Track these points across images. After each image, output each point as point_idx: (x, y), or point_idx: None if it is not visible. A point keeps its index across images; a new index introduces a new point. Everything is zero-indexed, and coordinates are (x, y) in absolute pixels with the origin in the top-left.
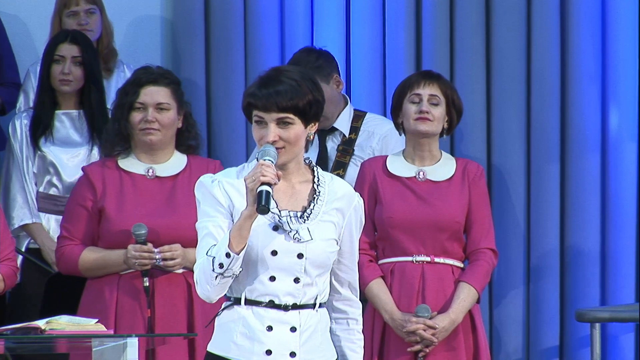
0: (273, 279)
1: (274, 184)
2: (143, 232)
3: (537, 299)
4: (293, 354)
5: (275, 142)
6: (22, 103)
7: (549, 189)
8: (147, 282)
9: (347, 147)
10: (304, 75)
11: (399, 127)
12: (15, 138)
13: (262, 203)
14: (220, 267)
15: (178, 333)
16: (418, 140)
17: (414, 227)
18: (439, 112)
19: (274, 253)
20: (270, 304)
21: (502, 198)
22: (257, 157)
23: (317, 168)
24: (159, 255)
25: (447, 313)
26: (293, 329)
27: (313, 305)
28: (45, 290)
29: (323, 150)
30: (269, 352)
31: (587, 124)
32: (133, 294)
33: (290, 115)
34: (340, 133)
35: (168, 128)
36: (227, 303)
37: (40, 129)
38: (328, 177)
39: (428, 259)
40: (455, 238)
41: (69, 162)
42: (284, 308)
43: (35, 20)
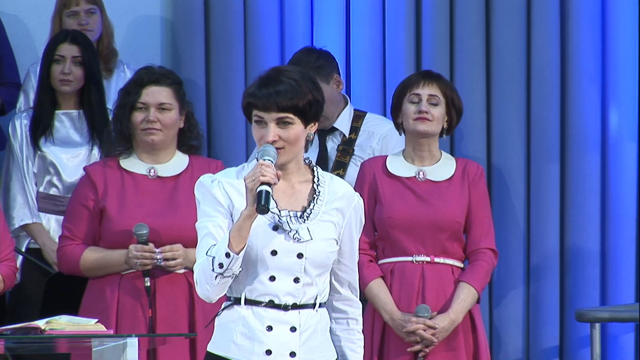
0: (273, 279)
1: (274, 184)
2: (144, 232)
3: (537, 299)
4: (293, 354)
5: (275, 141)
6: (22, 103)
7: (549, 189)
8: (148, 282)
9: (347, 147)
10: (304, 75)
11: (399, 127)
12: (15, 138)
13: (261, 203)
14: (220, 267)
15: (178, 333)
16: (418, 140)
17: (414, 227)
18: (439, 112)
19: (274, 253)
20: (270, 304)
21: (502, 198)
22: (256, 157)
23: (317, 168)
24: (160, 255)
25: (447, 313)
26: (293, 329)
27: (313, 305)
28: (45, 290)
29: (323, 150)
30: (269, 352)
31: (587, 124)
32: (134, 294)
33: (290, 115)
34: (340, 133)
35: (170, 128)
36: (227, 303)
37: (40, 129)
38: (328, 177)
39: (428, 259)
40: (455, 238)
41: (69, 162)
42: (284, 308)
43: (35, 20)
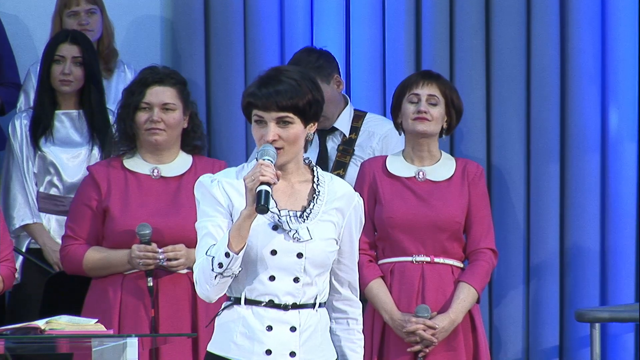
0: (273, 279)
1: (273, 184)
2: (147, 232)
3: (537, 299)
4: (293, 354)
5: (275, 141)
6: (22, 103)
7: (549, 189)
8: (151, 282)
9: (347, 147)
10: (304, 75)
11: (399, 127)
12: (15, 138)
13: (261, 203)
14: (220, 266)
15: (178, 333)
16: (417, 140)
17: (414, 227)
18: (438, 112)
19: (274, 253)
20: (270, 304)
21: (502, 198)
22: (256, 156)
23: (316, 168)
24: (163, 256)
25: (446, 313)
26: (293, 329)
27: (313, 305)
28: (45, 290)
29: (323, 150)
30: (269, 351)
31: (587, 124)
32: (137, 294)
33: (290, 115)
34: (341, 133)
35: (174, 128)
36: (227, 303)
37: (40, 129)
38: (328, 177)
39: (428, 259)
40: (455, 238)
41: (70, 162)
42: (284, 308)
43: (35, 20)
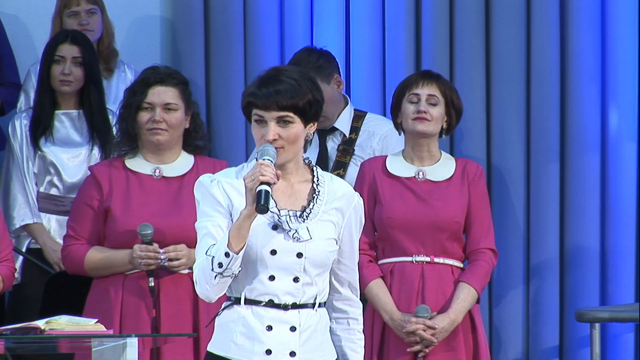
0: (272, 279)
1: (273, 184)
2: (149, 232)
3: (537, 299)
4: (293, 354)
5: (275, 140)
6: (22, 103)
7: (549, 189)
8: (152, 282)
9: (347, 147)
10: (304, 75)
11: (399, 127)
12: (15, 138)
13: (261, 202)
14: (220, 266)
15: (178, 333)
16: (417, 140)
17: (414, 227)
18: (438, 112)
19: (273, 252)
20: (270, 304)
21: (502, 198)
22: (256, 156)
23: (316, 168)
24: (164, 256)
25: (446, 313)
26: (293, 329)
27: (313, 305)
28: (45, 290)
29: (323, 150)
30: (269, 351)
31: (587, 124)
32: (138, 294)
33: (290, 114)
34: (341, 133)
35: (175, 128)
36: (227, 303)
37: (40, 129)
38: (328, 176)
39: (428, 259)
40: (455, 238)
41: (70, 162)
42: (284, 307)
43: (35, 21)
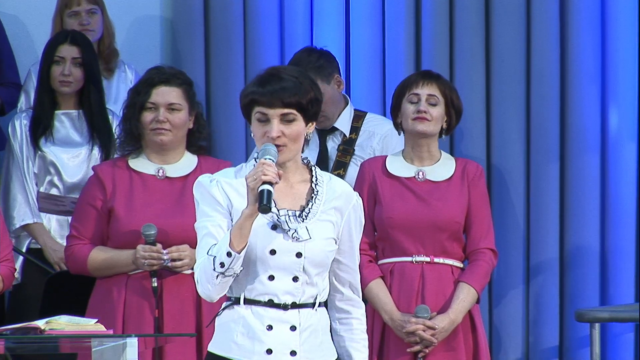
0: (272, 278)
1: (275, 183)
2: (152, 232)
3: (536, 299)
4: (293, 353)
5: (279, 137)
6: (23, 103)
7: (549, 189)
8: (155, 282)
9: (347, 147)
10: (303, 74)
11: (398, 127)
12: (15, 138)
13: (263, 202)
14: (222, 266)
15: (178, 333)
16: (417, 141)
17: (414, 227)
18: (438, 112)
19: (273, 252)
20: (270, 303)
21: (502, 198)
22: (256, 156)
23: (315, 167)
24: (167, 256)
25: (446, 313)
26: (293, 328)
27: (312, 305)
28: (45, 290)
29: (323, 150)
30: (270, 351)
31: (587, 124)
32: (141, 294)
33: (294, 112)
34: (341, 133)
35: (179, 128)
36: (227, 303)
37: (40, 129)
38: (326, 176)
39: (428, 259)
40: (455, 238)
41: (70, 162)
42: (284, 307)
43: (35, 21)
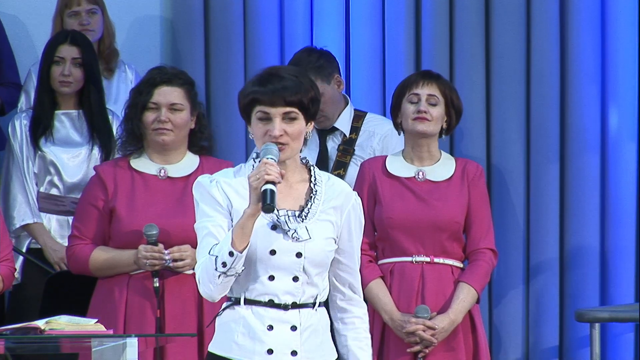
0: (272, 279)
1: (278, 183)
2: (154, 232)
3: (536, 299)
4: (294, 353)
5: (281, 136)
6: (23, 103)
7: (549, 189)
8: (157, 282)
9: (347, 147)
10: (302, 73)
11: (398, 127)
12: (15, 138)
13: (267, 202)
14: (224, 265)
15: (178, 333)
16: (417, 141)
17: (414, 227)
18: (438, 112)
19: (273, 252)
20: (270, 303)
21: (502, 198)
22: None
23: (313, 167)
24: (169, 256)
25: (446, 313)
26: (293, 328)
27: (313, 305)
28: (45, 290)
29: (324, 150)
30: (270, 351)
31: (586, 124)
32: (143, 295)
33: (296, 110)
34: (341, 133)
35: (181, 128)
36: (227, 303)
37: (40, 129)
38: (325, 176)
39: (427, 259)
40: (455, 238)
41: (70, 162)
42: (284, 307)
43: (35, 21)
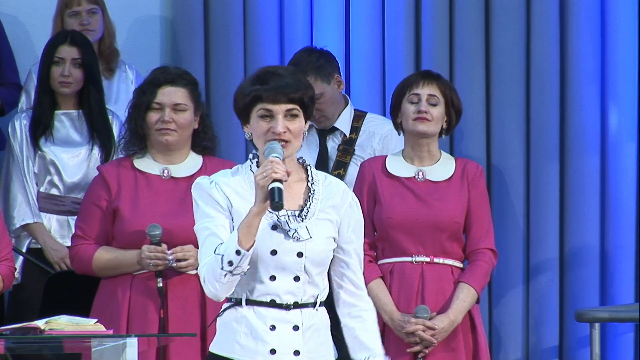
0: (273, 279)
1: (285, 181)
2: (157, 232)
3: (537, 299)
4: (297, 353)
5: (284, 133)
6: (24, 103)
7: (549, 189)
8: (160, 282)
9: (347, 147)
10: (298, 72)
11: (398, 126)
12: (15, 138)
13: (275, 200)
14: (230, 264)
15: (179, 333)
16: (417, 141)
17: (414, 227)
18: (438, 112)
19: (274, 252)
20: (272, 304)
21: (501, 198)
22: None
23: (310, 167)
24: (172, 257)
25: (446, 314)
26: (296, 328)
27: (313, 304)
28: (45, 290)
29: (324, 150)
30: (273, 351)
31: (586, 124)
32: (146, 295)
33: (297, 108)
34: (341, 133)
35: (184, 129)
36: (227, 304)
37: (40, 129)
38: (322, 176)
39: (427, 260)
40: (455, 238)
41: (70, 161)
42: (286, 307)
43: (35, 21)
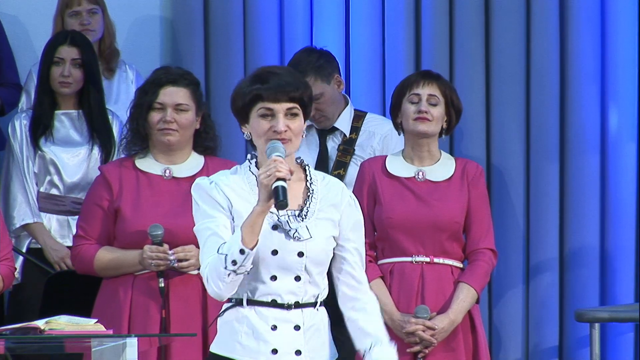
0: (274, 279)
1: (288, 180)
2: (159, 232)
3: (536, 299)
4: (298, 352)
5: (285, 131)
6: (24, 103)
7: (549, 189)
8: (162, 282)
9: (347, 146)
10: (297, 72)
11: (398, 126)
12: (15, 138)
13: (280, 198)
14: (234, 264)
15: (179, 333)
16: (417, 141)
17: (414, 227)
18: (438, 112)
19: (275, 252)
20: (273, 303)
21: (501, 198)
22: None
23: (308, 167)
24: (174, 257)
25: (446, 314)
26: (297, 328)
27: (314, 304)
28: (45, 290)
29: (324, 150)
30: (275, 351)
31: (586, 124)
32: (148, 295)
33: (297, 106)
34: (341, 133)
35: (186, 129)
36: (228, 304)
37: (40, 129)
38: (320, 175)
39: (427, 260)
40: (455, 238)
41: (70, 161)
42: (287, 307)
43: (35, 21)
